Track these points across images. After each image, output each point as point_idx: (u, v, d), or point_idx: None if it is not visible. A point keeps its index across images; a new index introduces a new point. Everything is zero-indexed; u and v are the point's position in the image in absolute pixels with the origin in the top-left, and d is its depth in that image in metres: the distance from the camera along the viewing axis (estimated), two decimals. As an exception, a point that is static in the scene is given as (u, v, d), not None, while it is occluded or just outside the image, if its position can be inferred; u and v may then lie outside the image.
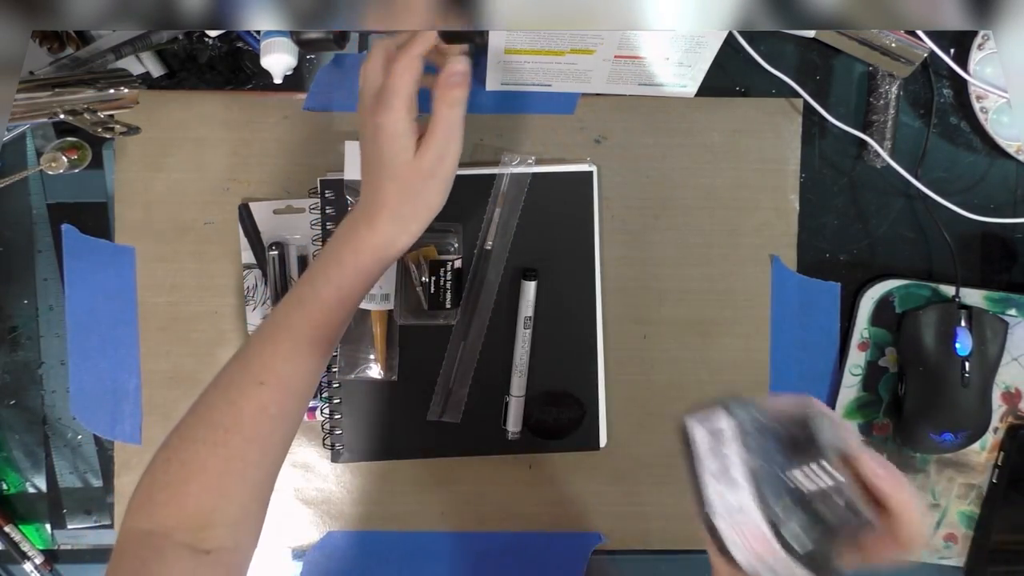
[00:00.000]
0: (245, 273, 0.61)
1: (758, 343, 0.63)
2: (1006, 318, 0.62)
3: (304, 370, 0.49)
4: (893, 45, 0.60)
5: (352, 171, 0.59)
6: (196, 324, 0.62)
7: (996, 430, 0.63)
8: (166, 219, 0.61)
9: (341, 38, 0.55)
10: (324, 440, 0.62)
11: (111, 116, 0.57)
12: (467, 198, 0.61)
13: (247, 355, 0.49)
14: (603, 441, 0.63)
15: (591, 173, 0.61)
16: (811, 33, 0.61)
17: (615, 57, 0.56)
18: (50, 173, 0.60)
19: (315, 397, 0.62)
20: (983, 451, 0.64)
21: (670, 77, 0.58)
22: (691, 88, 0.60)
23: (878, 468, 0.36)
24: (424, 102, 0.48)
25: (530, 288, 0.60)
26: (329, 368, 0.61)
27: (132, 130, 0.58)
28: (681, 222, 0.62)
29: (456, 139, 0.49)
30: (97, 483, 0.63)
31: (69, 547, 0.64)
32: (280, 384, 0.48)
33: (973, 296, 0.62)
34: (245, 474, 0.47)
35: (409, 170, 0.48)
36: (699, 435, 0.32)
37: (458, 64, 0.47)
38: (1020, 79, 0.46)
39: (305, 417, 0.62)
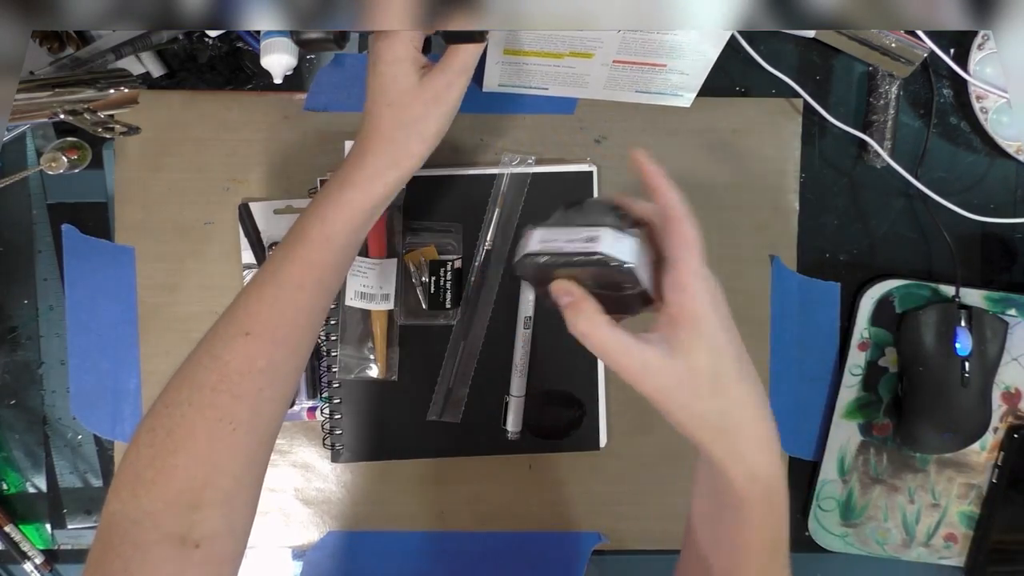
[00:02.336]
0: (245, 273, 0.61)
1: (758, 343, 0.63)
2: (1006, 318, 0.62)
3: (291, 318, 0.45)
4: (893, 45, 0.60)
5: (352, 171, 0.59)
6: (196, 324, 0.61)
7: (996, 430, 0.63)
8: (166, 219, 0.61)
9: (341, 38, 0.55)
10: (324, 440, 0.62)
11: (111, 116, 0.57)
12: (467, 198, 0.61)
13: (232, 307, 0.46)
14: (603, 441, 0.63)
15: (591, 173, 0.61)
16: (811, 33, 0.61)
17: (613, 62, 0.56)
18: (50, 173, 0.60)
19: (315, 397, 0.62)
20: (983, 451, 0.64)
21: (667, 85, 0.58)
22: (687, 98, 0.60)
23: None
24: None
25: (531, 289, 0.60)
26: (329, 368, 0.61)
27: (132, 130, 0.58)
28: (681, 222, 0.62)
29: (467, 73, 0.47)
30: (97, 483, 0.63)
31: (69, 547, 0.64)
32: (266, 333, 0.44)
33: (973, 296, 0.62)
34: (236, 438, 0.43)
35: (410, 95, 0.46)
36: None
37: None
38: (1020, 79, 0.46)
39: (305, 417, 0.62)
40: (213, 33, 0.60)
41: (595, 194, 0.61)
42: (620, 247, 0.41)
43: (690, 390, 0.40)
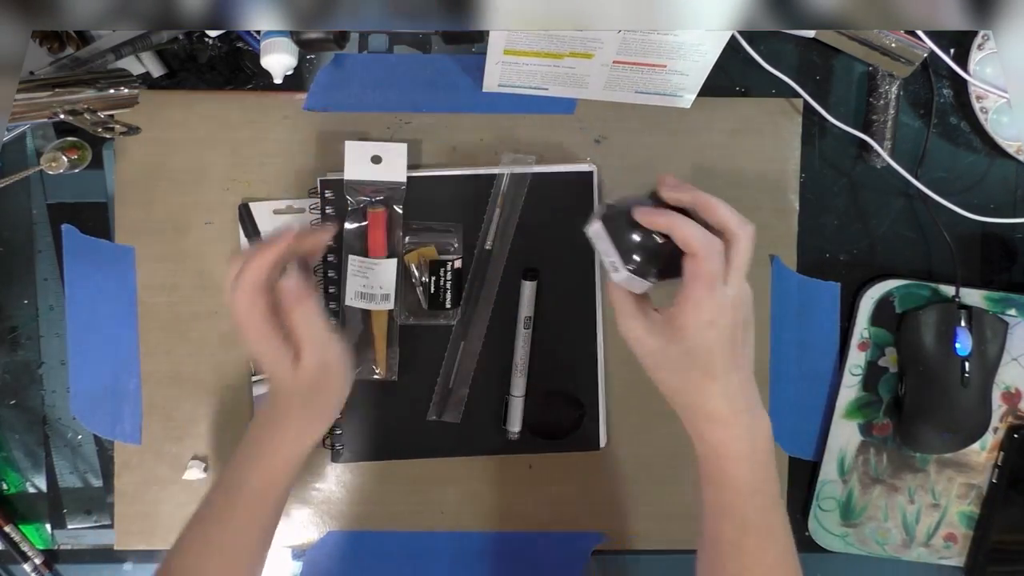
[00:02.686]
0: (245, 273, 0.61)
1: (758, 343, 0.63)
2: (1006, 318, 0.62)
3: (239, 561, 0.50)
4: (893, 45, 0.60)
5: (352, 171, 0.59)
6: (196, 324, 0.62)
7: (996, 430, 0.63)
8: (166, 219, 0.61)
9: (341, 38, 0.55)
10: (324, 440, 0.62)
11: (111, 116, 0.57)
12: (467, 198, 0.61)
13: (182, 548, 0.50)
14: (603, 441, 0.63)
15: (591, 173, 0.61)
16: (811, 33, 0.61)
17: (613, 63, 0.56)
18: (50, 173, 0.60)
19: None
20: (983, 451, 0.64)
21: (667, 86, 0.58)
22: (687, 99, 0.60)
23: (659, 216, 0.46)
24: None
25: (530, 288, 0.60)
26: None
27: (132, 130, 0.58)
28: (681, 222, 0.62)
29: (328, 345, 0.49)
30: (97, 483, 0.63)
31: (69, 547, 0.64)
32: (217, 573, 0.49)
33: (973, 296, 0.62)
34: None
35: (294, 386, 0.49)
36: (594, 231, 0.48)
37: (288, 281, 0.48)
38: (1020, 79, 0.46)
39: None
40: (213, 33, 0.60)
41: (595, 200, 0.61)
42: (632, 285, 0.48)
43: (666, 369, 0.47)
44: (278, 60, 0.57)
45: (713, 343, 0.46)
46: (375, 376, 0.61)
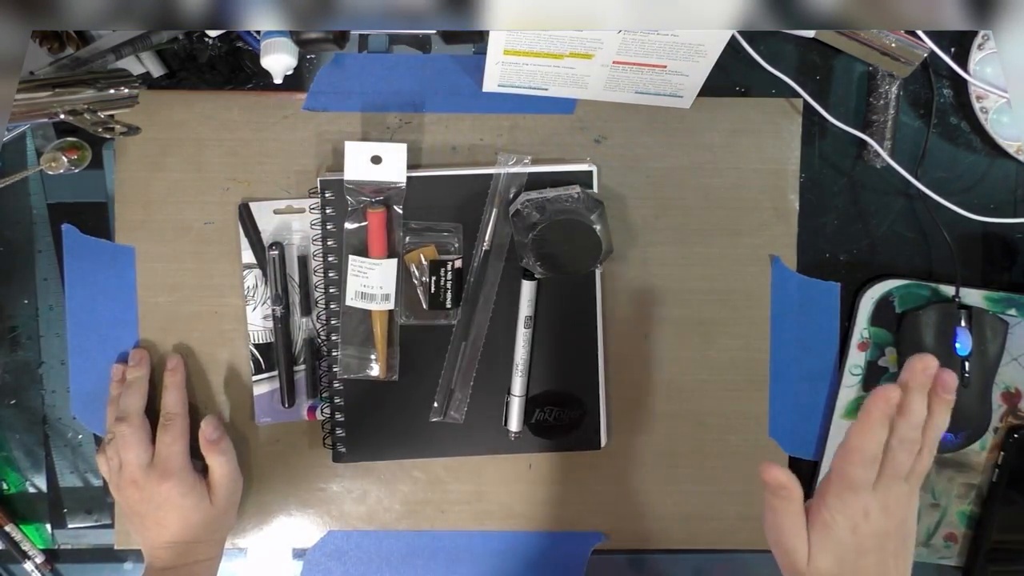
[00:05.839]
0: (245, 273, 0.61)
1: (758, 343, 0.63)
2: (1006, 318, 0.62)
3: None
4: (893, 45, 0.60)
5: (352, 171, 0.59)
6: (196, 324, 0.62)
7: (996, 430, 0.63)
8: (166, 219, 0.61)
9: (341, 38, 0.55)
10: (324, 440, 0.62)
11: (111, 116, 0.57)
12: (467, 198, 0.61)
13: None
14: (603, 441, 0.63)
15: (591, 173, 0.61)
16: (811, 33, 0.61)
17: (613, 63, 0.56)
18: (50, 173, 0.60)
19: (315, 397, 0.62)
20: (983, 451, 0.64)
21: (667, 86, 0.58)
22: (687, 99, 0.60)
23: None
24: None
25: (530, 288, 0.60)
26: (330, 368, 0.61)
27: (132, 130, 0.58)
28: (681, 222, 0.63)
29: (236, 479, 0.60)
30: (97, 483, 0.63)
31: (69, 547, 0.64)
32: None
33: (973, 296, 0.62)
34: None
35: (208, 511, 0.58)
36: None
37: (207, 427, 0.59)
38: (1020, 79, 0.46)
39: (305, 417, 0.62)
40: (213, 33, 0.60)
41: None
42: None
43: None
44: (278, 60, 0.57)
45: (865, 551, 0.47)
46: (376, 376, 0.61)
